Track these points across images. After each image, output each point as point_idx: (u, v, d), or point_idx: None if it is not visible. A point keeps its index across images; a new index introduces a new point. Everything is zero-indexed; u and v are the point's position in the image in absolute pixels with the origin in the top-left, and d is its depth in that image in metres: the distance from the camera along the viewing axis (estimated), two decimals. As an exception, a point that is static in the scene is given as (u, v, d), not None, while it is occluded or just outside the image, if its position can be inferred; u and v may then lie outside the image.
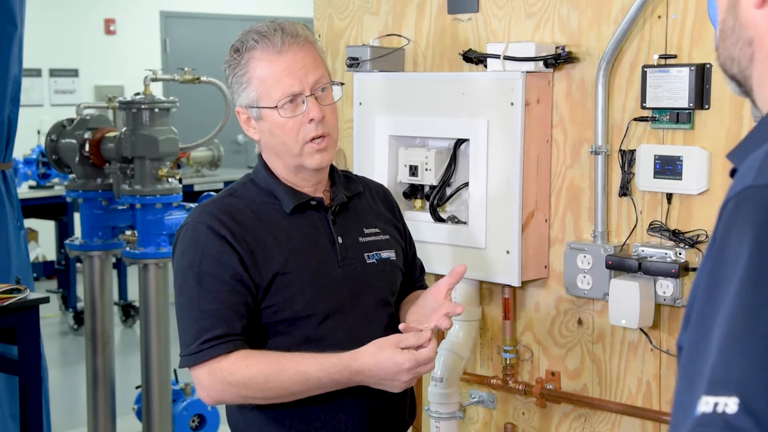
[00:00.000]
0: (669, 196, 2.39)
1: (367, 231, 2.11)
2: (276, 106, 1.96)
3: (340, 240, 2.05)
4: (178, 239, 2.02)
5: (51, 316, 7.39)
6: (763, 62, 1.08)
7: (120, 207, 4.33)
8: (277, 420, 2.01)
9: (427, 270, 2.38)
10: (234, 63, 2.00)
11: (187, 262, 1.97)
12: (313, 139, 1.98)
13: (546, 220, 2.60)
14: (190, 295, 1.95)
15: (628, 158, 2.45)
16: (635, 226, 2.45)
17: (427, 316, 2.00)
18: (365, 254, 2.07)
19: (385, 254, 2.11)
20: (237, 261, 1.94)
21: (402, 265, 2.17)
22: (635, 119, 2.42)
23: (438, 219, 2.69)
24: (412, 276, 2.25)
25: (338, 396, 1.97)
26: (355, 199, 2.13)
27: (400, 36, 2.86)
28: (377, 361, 1.88)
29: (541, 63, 2.49)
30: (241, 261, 1.94)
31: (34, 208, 7.12)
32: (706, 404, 0.91)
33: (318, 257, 2.02)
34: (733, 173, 1.08)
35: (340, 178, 2.13)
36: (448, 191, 2.71)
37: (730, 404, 0.89)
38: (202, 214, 2.00)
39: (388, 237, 2.14)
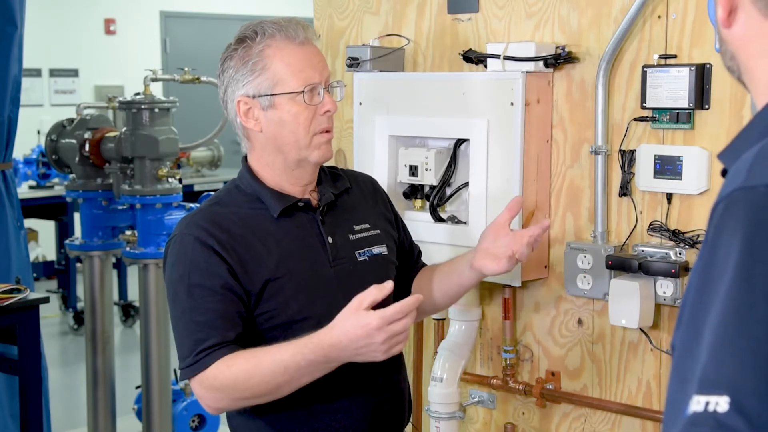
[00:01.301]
0: (669, 196, 2.39)
1: (357, 228, 2.10)
2: (303, 91, 1.95)
3: (330, 240, 2.04)
4: (167, 252, 2.01)
5: (51, 316, 7.39)
6: (747, 73, 1.14)
7: (120, 207, 4.33)
8: (276, 422, 2.00)
9: (427, 270, 2.38)
10: (243, 51, 1.97)
11: (177, 275, 1.96)
12: (322, 131, 1.99)
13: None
14: (183, 307, 1.94)
15: (628, 158, 2.45)
16: (635, 226, 2.45)
17: (506, 246, 2.08)
18: (356, 252, 2.07)
19: (376, 250, 2.10)
20: (226, 270, 1.93)
21: (395, 258, 2.17)
22: (635, 119, 2.42)
23: (438, 219, 2.69)
24: (410, 261, 2.24)
25: (336, 397, 1.97)
26: (343, 196, 2.13)
27: (400, 36, 2.86)
28: (345, 330, 1.80)
29: (541, 63, 2.49)
30: (230, 270, 1.93)
31: (34, 208, 7.12)
32: (697, 403, 0.92)
33: (309, 259, 2.01)
34: (724, 173, 1.09)
35: (326, 176, 2.13)
36: (448, 191, 2.71)
37: (721, 403, 0.90)
38: (189, 225, 1.99)
39: (379, 231, 2.13)
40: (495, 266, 2.12)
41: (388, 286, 1.83)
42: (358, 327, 1.79)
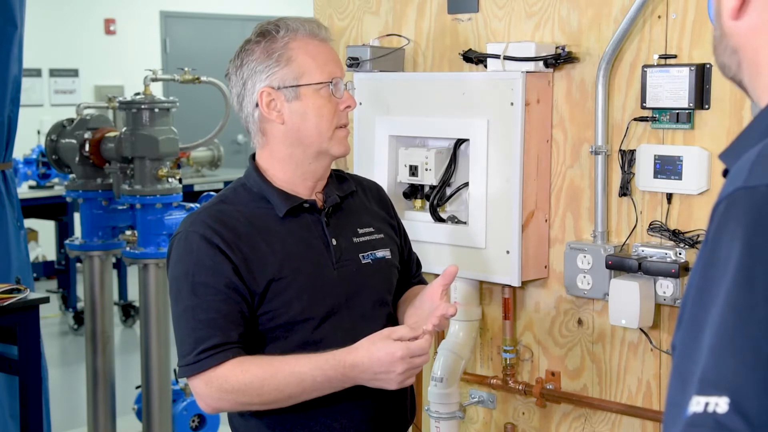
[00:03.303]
0: (669, 196, 2.39)
1: (361, 231, 2.10)
2: (330, 82, 1.98)
3: (334, 242, 2.04)
4: (171, 249, 2.01)
5: (51, 316, 7.39)
6: (749, 69, 1.12)
7: (120, 207, 4.33)
8: (278, 424, 2.00)
9: (426, 270, 2.37)
10: (267, 44, 1.99)
11: (181, 272, 1.96)
12: (342, 126, 2.02)
13: (546, 220, 2.60)
14: (186, 304, 1.94)
15: (628, 158, 2.45)
16: (635, 226, 2.45)
17: (426, 317, 2.00)
18: (360, 254, 2.07)
19: (380, 253, 2.11)
20: (231, 269, 1.93)
21: (398, 262, 2.17)
22: (635, 119, 2.42)
23: (438, 219, 2.69)
24: (409, 272, 2.25)
25: (338, 399, 1.97)
26: (348, 199, 2.13)
27: (400, 36, 2.86)
28: (370, 353, 1.86)
29: (541, 63, 2.49)
30: (235, 269, 1.93)
31: (34, 208, 7.12)
32: (697, 404, 0.91)
33: (313, 260, 2.01)
34: (726, 173, 1.09)
35: (332, 179, 2.13)
36: (448, 191, 2.71)
37: (720, 404, 0.90)
38: (194, 222, 1.98)
39: (382, 236, 2.14)
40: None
41: (419, 332, 1.91)
42: (384, 353, 1.85)
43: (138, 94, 4.22)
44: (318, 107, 1.99)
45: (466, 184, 2.63)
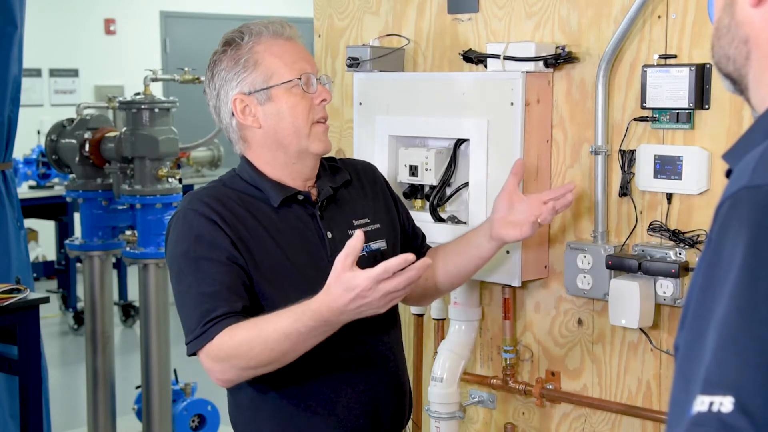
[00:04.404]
0: (669, 196, 2.39)
1: (356, 223, 2.10)
2: (299, 78, 1.98)
3: (329, 235, 2.05)
4: (169, 229, 2.01)
5: (51, 316, 7.39)
6: (759, 61, 1.10)
7: (120, 207, 4.34)
8: (273, 417, 2.00)
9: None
10: (233, 51, 2.00)
11: (182, 250, 1.96)
12: (319, 121, 2.02)
13: (546, 220, 2.59)
14: (189, 281, 1.94)
15: (628, 158, 2.45)
16: (635, 226, 2.45)
17: (517, 214, 2.11)
18: None
19: (375, 245, 2.11)
20: (230, 243, 1.94)
21: (397, 251, 2.15)
22: (635, 119, 2.42)
23: (438, 219, 2.69)
24: (414, 244, 2.25)
25: (335, 393, 1.98)
26: (342, 190, 2.13)
27: (400, 36, 2.86)
28: (336, 296, 1.77)
29: (541, 63, 2.49)
30: (233, 244, 1.94)
31: (34, 208, 7.12)
32: (701, 403, 0.91)
33: (308, 252, 2.01)
34: (729, 174, 1.09)
35: (325, 170, 2.13)
36: (448, 191, 2.70)
37: (725, 403, 0.90)
38: (191, 201, 2.00)
39: (379, 225, 2.14)
40: (518, 233, 2.15)
41: (359, 234, 1.78)
42: (349, 291, 1.76)
43: (138, 94, 4.22)
44: (292, 105, 1.99)
45: (466, 184, 2.63)
